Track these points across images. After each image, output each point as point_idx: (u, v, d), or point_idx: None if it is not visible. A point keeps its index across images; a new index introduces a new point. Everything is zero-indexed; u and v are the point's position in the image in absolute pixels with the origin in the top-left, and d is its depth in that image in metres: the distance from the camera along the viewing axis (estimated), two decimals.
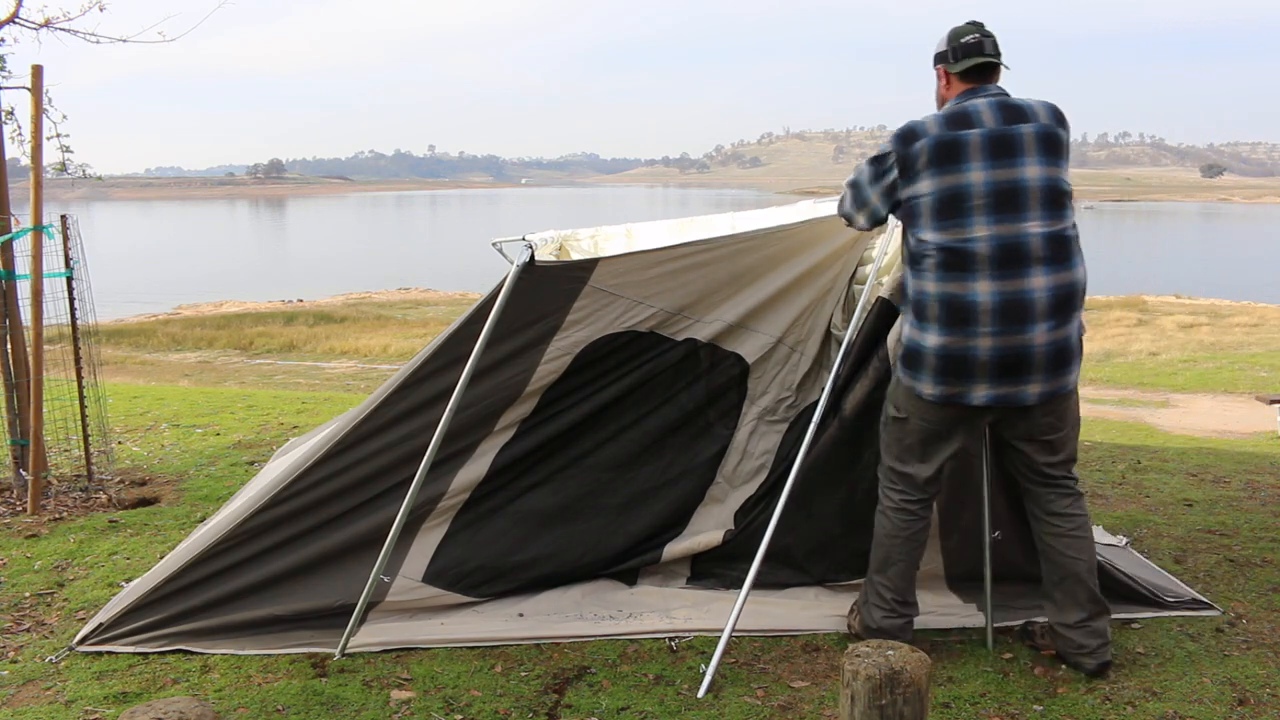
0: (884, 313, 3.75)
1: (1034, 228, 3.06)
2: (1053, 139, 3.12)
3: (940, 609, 3.78)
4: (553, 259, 3.89)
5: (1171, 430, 8.15)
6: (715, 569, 3.96)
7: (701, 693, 3.23)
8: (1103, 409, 9.42)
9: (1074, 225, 3.15)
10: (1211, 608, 3.86)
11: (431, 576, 3.74)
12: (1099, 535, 4.68)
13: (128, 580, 4.14)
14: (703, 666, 3.33)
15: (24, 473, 5.31)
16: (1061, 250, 3.08)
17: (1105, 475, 6.00)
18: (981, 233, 3.06)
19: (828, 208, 3.93)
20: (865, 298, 3.74)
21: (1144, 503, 5.37)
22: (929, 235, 3.13)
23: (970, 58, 3.21)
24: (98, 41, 5.96)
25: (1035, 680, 3.32)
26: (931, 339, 3.16)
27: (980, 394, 3.16)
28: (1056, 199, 3.10)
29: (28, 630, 3.75)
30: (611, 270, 3.70)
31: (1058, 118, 3.17)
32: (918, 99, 3.63)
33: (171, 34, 6.47)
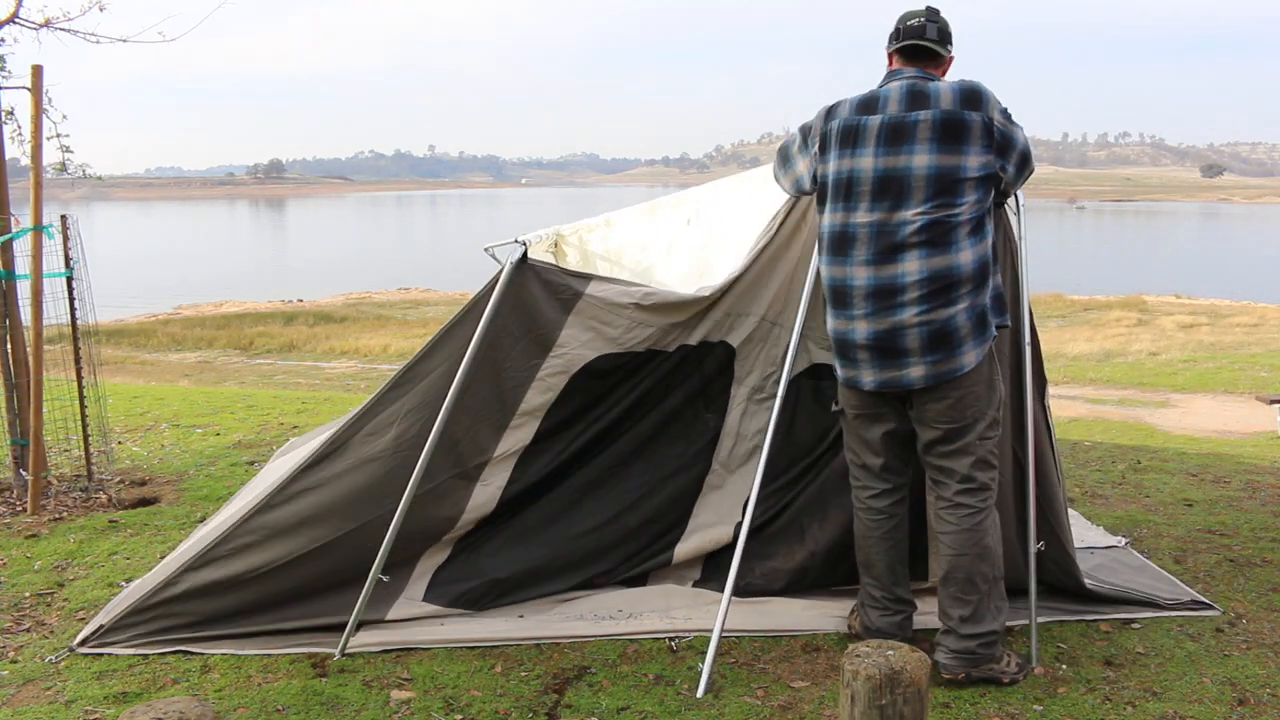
0: None
1: (913, 215, 3.09)
2: (953, 124, 3.06)
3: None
4: (549, 259, 3.89)
5: (1171, 430, 8.15)
6: (726, 574, 3.93)
7: (701, 692, 3.23)
8: (1103, 409, 9.42)
9: (972, 210, 3.09)
10: (1211, 608, 3.86)
11: (431, 596, 3.74)
12: (1099, 536, 4.69)
13: (128, 580, 4.14)
14: (701, 666, 3.33)
15: (24, 473, 5.31)
16: (942, 235, 3.08)
17: (1105, 475, 6.01)
18: (863, 218, 3.16)
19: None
20: None
21: (1144, 503, 5.37)
22: (826, 217, 3.27)
23: (906, 39, 3.24)
24: (98, 41, 5.97)
25: (1035, 680, 3.32)
26: (829, 323, 3.32)
27: (868, 378, 3.24)
28: (948, 186, 3.07)
29: (28, 630, 3.74)
30: (607, 291, 3.67)
31: (967, 100, 3.08)
32: None
33: (171, 34, 6.48)
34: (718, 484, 3.99)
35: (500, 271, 3.53)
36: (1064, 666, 3.41)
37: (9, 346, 5.36)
